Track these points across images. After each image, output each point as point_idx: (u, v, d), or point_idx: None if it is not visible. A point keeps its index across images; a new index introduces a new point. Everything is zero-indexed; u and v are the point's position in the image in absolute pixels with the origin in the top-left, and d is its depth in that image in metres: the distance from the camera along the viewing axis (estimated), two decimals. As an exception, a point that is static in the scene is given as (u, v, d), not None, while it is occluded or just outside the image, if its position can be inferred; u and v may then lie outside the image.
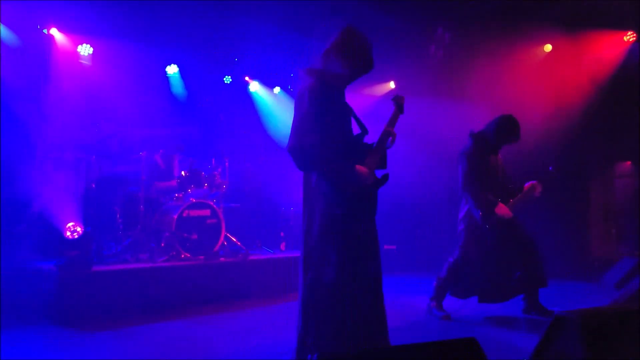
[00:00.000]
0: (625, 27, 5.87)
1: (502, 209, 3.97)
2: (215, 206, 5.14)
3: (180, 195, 5.25)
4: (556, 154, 5.98)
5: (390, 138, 2.64)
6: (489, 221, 4.01)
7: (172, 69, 6.74)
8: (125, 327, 3.80)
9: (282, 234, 6.11)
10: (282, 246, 5.97)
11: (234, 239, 5.39)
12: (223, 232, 5.09)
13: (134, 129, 5.84)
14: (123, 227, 5.16)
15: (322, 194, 2.47)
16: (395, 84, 7.44)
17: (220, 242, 5.07)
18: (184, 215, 4.90)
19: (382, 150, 2.62)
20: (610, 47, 6.03)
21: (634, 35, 5.81)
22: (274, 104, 7.70)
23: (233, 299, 4.74)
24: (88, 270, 4.13)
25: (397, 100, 2.76)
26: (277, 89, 7.74)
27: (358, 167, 2.47)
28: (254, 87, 7.55)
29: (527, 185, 4.10)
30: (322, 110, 2.40)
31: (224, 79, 7.27)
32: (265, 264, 5.29)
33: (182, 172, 5.36)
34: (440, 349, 2.38)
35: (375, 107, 6.77)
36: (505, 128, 4.07)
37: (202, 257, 4.90)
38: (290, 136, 2.43)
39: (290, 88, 7.87)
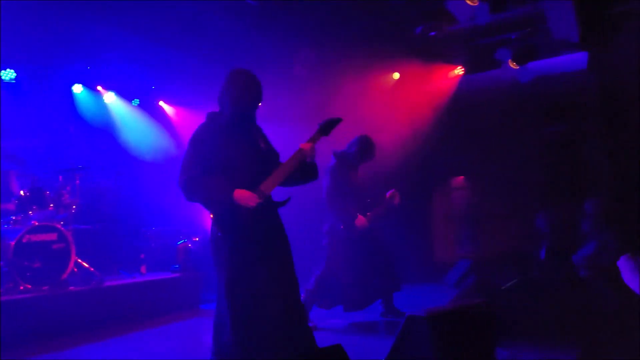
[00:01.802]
0: (455, 62, 6.78)
1: (361, 221, 4.33)
2: (63, 229, 4.61)
3: (19, 217, 4.60)
4: (406, 170, 6.65)
5: (307, 154, 2.84)
6: (350, 233, 4.33)
7: (7, 74, 5.91)
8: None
9: (142, 256, 5.70)
10: (143, 269, 5.57)
11: (86, 265, 4.88)
12: (73, 258, 4.59)
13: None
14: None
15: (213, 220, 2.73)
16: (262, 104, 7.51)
17: (69, 269, 4.55)
18: (24, 240, 4.30)
19: (292, 168, 2.81)
20: (446, 78, 6.94)
21: (462, 69, 6.76)
22: (131, 117, 7.22)
23: (86, 331, 4.30)
24: None
25: (323, 123, 2.94)
26: (135, 101, 7.28)
27: (238, 191, 2.63)
28: (109, 98, 6.99)
29: (388, 193, 4.49)
30: (199, 145, 2.73)
31: (73, 87, 6.60)
32: (123, 289, 4.91)
33: (22, 192, 4.71)
34: (309, 359, 2.46)
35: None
36: (365, 147, 4.45)
37: (46, 287, 4.35)
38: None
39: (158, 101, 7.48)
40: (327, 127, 2.94)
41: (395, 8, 5.14)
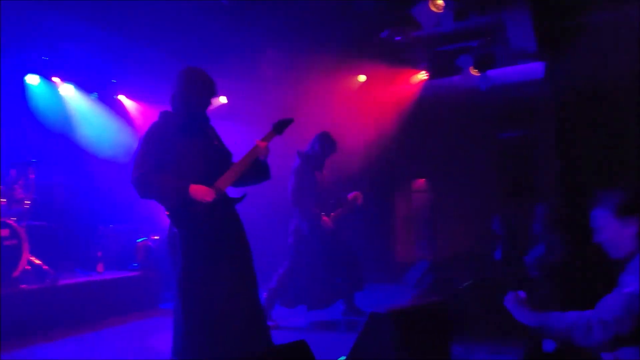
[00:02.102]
0: (419, 67, 6.89)
1: (325, 221, 4.38)
2: (15, 225, 4.44)
3: (-33, 213, 4.40)
4: (369, 172, 6.76)
5: (259, 153, 2.85)
6: (314, 233, 4.38)
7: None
8: None
9: (99, 253, 5.54)
10: (100, 267, 5.42)
11: (40, 262, 4.71)
12: (25, 255, 4.42)
13: None
14: None
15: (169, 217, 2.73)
16: (228, 99, 7.43)
17: (21, 267, 4.38)
18: (-27, 236, 4.12)
19: (247, 165, 2.82)
20: (410, 82, 7.05)
21: (427, 74, 6.91)
22: (90, 111, 6.98)
23: (40, 331, 4.15)
24: None
25: (277, 123, 2.95)
26: (94, 95, 7.04)
27: (193, 186, 2.63)
28: (67, 90, 6.74)
29: (350, 195, 4.57)
30: (152, 143, 2.72)
31: (26, 77, 6.30)
32: (79, 288, 4.77)
33: (-29, 186, 4.50)
34: (273, 355, 2.48)
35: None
36: (325, 141, 4.51)
37: (-4, 285, 4.17)
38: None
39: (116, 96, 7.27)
40: (281, 126, 2.98)
41: (361, 12, 5.21)
